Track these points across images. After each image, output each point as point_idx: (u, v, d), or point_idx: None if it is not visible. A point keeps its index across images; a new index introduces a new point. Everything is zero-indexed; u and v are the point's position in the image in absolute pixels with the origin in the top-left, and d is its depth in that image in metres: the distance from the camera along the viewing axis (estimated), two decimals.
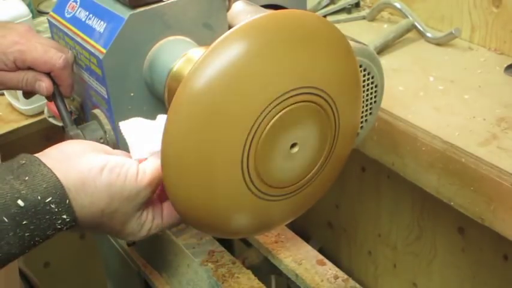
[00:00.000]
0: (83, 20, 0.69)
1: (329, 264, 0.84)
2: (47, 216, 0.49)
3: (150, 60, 0.66)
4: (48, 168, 0.50)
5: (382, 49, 1.08)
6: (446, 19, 1.12)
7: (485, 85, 0.97)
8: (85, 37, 0.68)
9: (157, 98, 0.67)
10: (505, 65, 1.00)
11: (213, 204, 0.56)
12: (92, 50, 0.65)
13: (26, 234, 0.48)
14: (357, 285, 0.81)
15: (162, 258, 0.90)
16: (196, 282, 0.84)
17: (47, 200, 0.48)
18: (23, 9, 1.03)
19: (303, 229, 1.46)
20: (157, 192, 0.58)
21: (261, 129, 0.54)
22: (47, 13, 0.88)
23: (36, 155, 0.52)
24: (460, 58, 1.05)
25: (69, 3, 0.73)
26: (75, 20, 0.71)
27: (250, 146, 0.54)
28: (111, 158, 0.54)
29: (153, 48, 0.66)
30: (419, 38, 1.12)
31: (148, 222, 0.57)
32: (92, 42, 0.66)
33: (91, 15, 0.69)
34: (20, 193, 0.48)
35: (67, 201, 0.50)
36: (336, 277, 0.81)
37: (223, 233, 0.65)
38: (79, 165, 0.52)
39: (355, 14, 1.23)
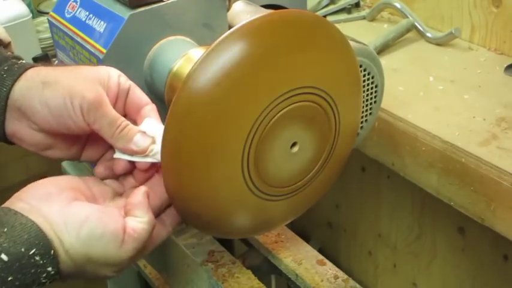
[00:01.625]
0: (83, 20, 0.69)
1: (329, 264, 0.84)
2: (32, 270, 0.45)
3: (150, 60, 0.66)
4: (26, 216, 0.47)
5: (382, 49, 1.08)
6: (446, 19, 1.12)
7: (485, 85, 0.96)
8: (85, 37, 0.68)
9: (157, 97, 0.67)
10: (505, 65, 1.00)
11: (213, 204, 0.56)
12: (92, 50, 0.65)
13: None
14: (357, 285, 0.81)
15: (162, 258, 0.90)
16: (196, 282, 0.83)
17: (31, 252, 0.45)
18: (23, 9, 1.03)
19: (303, 229, 1.46)
20: None
21: (261, 128, 0.54)
22: (47, 13, 0.88)
23: (3, 205, 0.48)
24: (460, 58, 1.05)
25: (69, 3, 0.73)
26: (75, 20, 0.71)
27: (250, 145, 0.54)
28: (93, 212, 0.50)
29: (153, 48, 0.66)
30: (419, 38, 1.12)
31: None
32: (92, 42, 0.66)
33: (91, 15, 0.69)
34: (2, 246, 0.44)
35: (52, 251, 0.46)
36: (336, 277, 0.81)
37: (223, 233, 0.66)
38: (55, 216, 0.48)
39: (355, 14, 1.23)
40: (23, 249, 0.45)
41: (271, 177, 0.57)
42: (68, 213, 0.49)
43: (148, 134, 0.56)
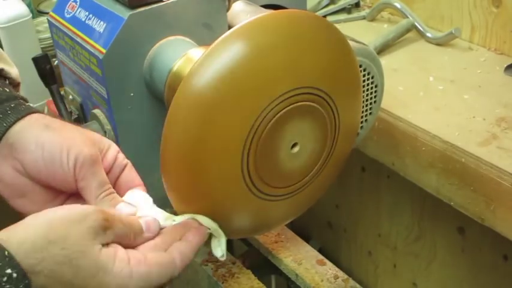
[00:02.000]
0: (83, 20, 0.69)
1: (329, 264, 0.84)
2: None
3: (150, 60, 0.66)
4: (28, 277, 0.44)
5: (382, 49, 1.08)
6: (446, 19, 1.12)
7: (485, 85, 0.96)
8: (85, 37, 0.68)
9: (157, 97, 0.67)
10: (505, 65, 1.00)
11: (213, 204, 0.56)
12: (92, 50, 0.65)
13: None
14: (357, 285, 0.81)
15: None
16: (196, 282, 0.84)
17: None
18: (23, 9, 1.03)
19: (303, 229, 1.46)
20: None
21: (261, 129, 0.54)
22: (47, 13, 0.88)
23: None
24: (460, 58, 1.05)
25: (69, 3, 0.73)
26: (75, 20, 0.71)
27: (250, 145, 0.54)
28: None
29: (153, 48, 0.66)
30: (419, 38, 1.12)
31: None
32: (92, 42, 0.66)
33: (91, 15, 0.69)
34: None
35: (6, 252, 0.43)
36: (336, 277, 0.81)
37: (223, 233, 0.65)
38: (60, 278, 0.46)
39: (355, 14, 1.23)
40: None
41: (271, 178, 0.57)
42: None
43: (132, 204, 0.55)
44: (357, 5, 1.25)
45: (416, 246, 1.20)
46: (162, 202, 0.67)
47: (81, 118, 0.75)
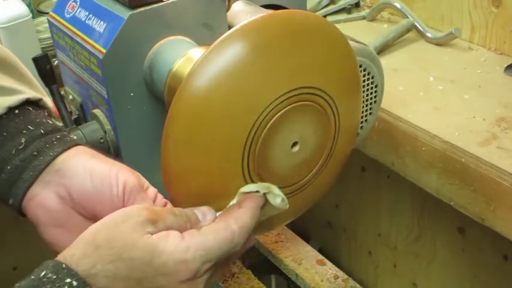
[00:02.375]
0: (83, 20, 0.69)
1: (329, 264, 0.84)
2: (48, 286, 0.44)
3: (150, 60, 0.66)
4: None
5: (382, 49, 1.08)
6: (446, 19, 1.12)
7: (485, 85, 0.96)
8: (85, 37, 0.68)
9: (157, 98, 0.67)
10: (505, 65, 1.00)
11: (213, 204, 0.56)
12: (92, 50, 0.65)
13: None
14: (357, 285, 0.81)
15: None
16: None
17: (42, 274, 0.44)
18: (23, 9, 1.03)
19: (303, 229, 1.46)
20: None
21: (261, 128, 0.54)
22: (47, 13, 0.88)
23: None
24: (460, 58, 1.05)
25: (69, 3, 0.73)
26: (75, 20, 0.71)
27: (250, 145, 0.54)
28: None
29: (153, 48, 0.66)
30: (419, 38, 1.12)
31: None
32: (92, 42, 0.66)
33: (91, 15, 0.69)
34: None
35: (63, 265, 0.45)
36: (336, 277, 0.81)
37: None
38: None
39: (355, 14, 1.23)
40: (33, 277, 0.44)
41: (271, 177, 0.57)
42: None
43: None
44: (357, 5, 1.25)
45: (416, 246, 1.20)
46: None
47: (81, 118, 0.75)
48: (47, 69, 0.73)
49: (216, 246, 0.49)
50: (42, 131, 0.56)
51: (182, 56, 0.64)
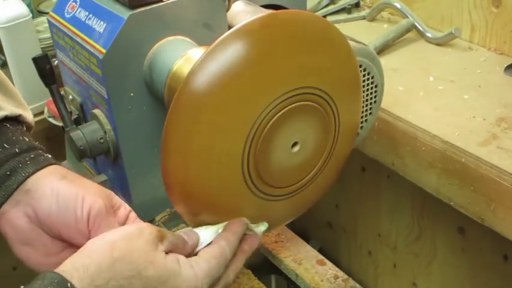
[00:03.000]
0: (83, 20, 0.69)
1: (329, 264, 0.84)
2: None
3: (150, 60, 0.66)
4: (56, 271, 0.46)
5: (382, 49, 1.08)
6: (446, 19, 1.12)
7: (485, 85, 0.96)
8: (85, 37, 0.68)
9: (157, 98, 0.67)
10: (505, 65, 1.00)
11: (213, 204, 0.56)
12: (92, 50, 0.65)
13: None
14: (357, 285, 0.81)
15: None
16: None
17: None
18: (23, 9, 1.03)
19: (303, 229, 1.46)
20: None
21: (261, 129, 0.54)
22: (47, 13, 0.88)
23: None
24: (460, 58, 1.05)
25: (69, 3, 0.73)
26: (75, 20, 0.71)
27: (250, 145, 0.54)
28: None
29: (153, 48, 0.66)
30: (419, 38, 1.12)
31: None
32: (92, 42, 0.66)
33: (91, 16, 0.69)
34: None
35: (68, 284, 0.45)
36: (336, 277, 0.81)
37: None
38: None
39: (355, 14, 1.23)
40: None
41: (271, 177, 0.57)
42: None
43: None
44: (357, 5, 1.25)
45: (416, 246, 1.20)
46: (163, 202, 0.68)
47: (81, 118, 0.75)
48: (47, 69, 0.73)
49: (217, 269, 0.53)
50: (17, 150, 0.57)
51: (182, 56, 0.64)
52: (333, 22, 1.17)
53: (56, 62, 0.78)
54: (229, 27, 0.61)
